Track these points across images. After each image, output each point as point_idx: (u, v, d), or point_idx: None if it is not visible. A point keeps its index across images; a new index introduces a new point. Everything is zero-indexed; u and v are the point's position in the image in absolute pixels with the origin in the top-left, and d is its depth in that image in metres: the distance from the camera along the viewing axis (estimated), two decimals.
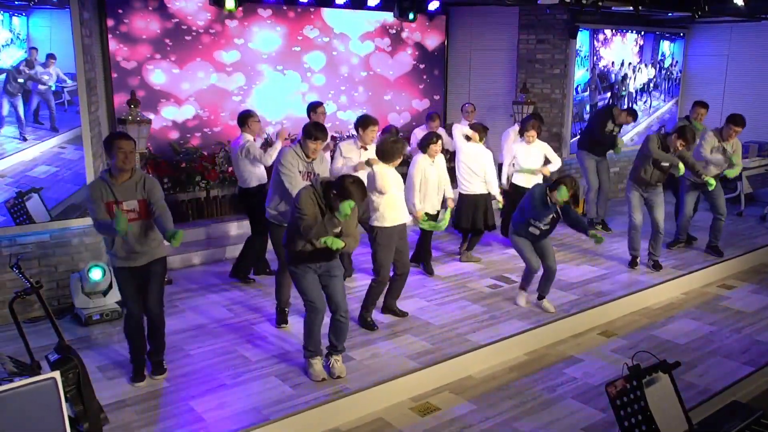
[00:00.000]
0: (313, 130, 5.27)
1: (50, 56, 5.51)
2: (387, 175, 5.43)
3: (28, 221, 5.56)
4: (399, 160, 5.53)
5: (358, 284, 6.51)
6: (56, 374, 2.93)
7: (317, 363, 4.70)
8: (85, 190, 4.63)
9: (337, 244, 4.34)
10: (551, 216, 5.66)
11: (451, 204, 6.63)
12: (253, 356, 5.00)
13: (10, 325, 4.86)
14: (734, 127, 7.34)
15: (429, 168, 6.46)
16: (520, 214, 5.78)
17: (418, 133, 8.32)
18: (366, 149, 6.24)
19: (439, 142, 6.50)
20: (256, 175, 6.44)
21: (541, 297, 6.00)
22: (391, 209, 5.42)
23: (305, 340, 4.70)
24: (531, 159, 7.45)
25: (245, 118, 6.45)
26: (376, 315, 5.71)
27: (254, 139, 6.44)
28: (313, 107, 7.14)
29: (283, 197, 5.32)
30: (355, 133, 6.49)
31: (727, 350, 5.48)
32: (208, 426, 4.06)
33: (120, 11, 7.36)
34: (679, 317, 6.21)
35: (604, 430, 4.28)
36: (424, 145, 6.48)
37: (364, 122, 6.24)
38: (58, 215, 5.68)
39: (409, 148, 7.72)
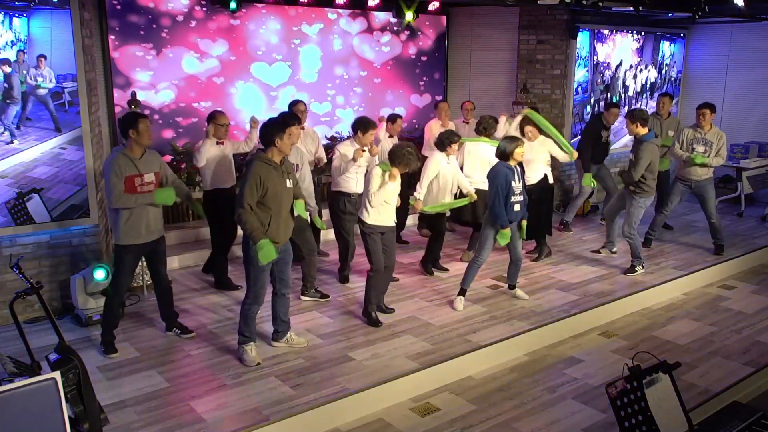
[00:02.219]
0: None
1: (41, 57, 5.44)
2: (384, 189, 5.41)
3: (28, 222, 5.56)
4: (404, 170, 5.49)
5: (355, 286, 6.50)
6: (56, 375, 2.93)
7: (253, 349, 4.90)
8: (107, 164, 4.83)
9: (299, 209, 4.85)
10: (520, 180, 5.82)
11: (473, 197, 6.64)
12: None
13: (10, 325, 4.87)
14: (699, 110, 7.43)
15: (445, 166, 6.52)
16: (502, 200, 5.70)
17: (434, 127, 7.99)
18: (364, 150, 6.23)
19: (459, 142, 6.55)
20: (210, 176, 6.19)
21: (513, 287, 6.19)
22: (377, 212, 5.46)
23: (243, 326, 4.88)
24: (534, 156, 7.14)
25: (209, 119, 6.21)
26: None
27: (219, 143, 6.16)
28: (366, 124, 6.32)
29: None
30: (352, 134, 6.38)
31: (728, 351, 5.48)
32: (208, 426, 4.06)
33: (118, 7, 7.38)
34: (679, 318, 6.20)
35: (605, 431, 4.28)
36: (443, 144, 6.46)
37: (365, 125, 6.17)
38: (58, 216, 5.68)
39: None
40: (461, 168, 7.04)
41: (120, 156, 4.80)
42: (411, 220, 8.43)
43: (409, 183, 6.91)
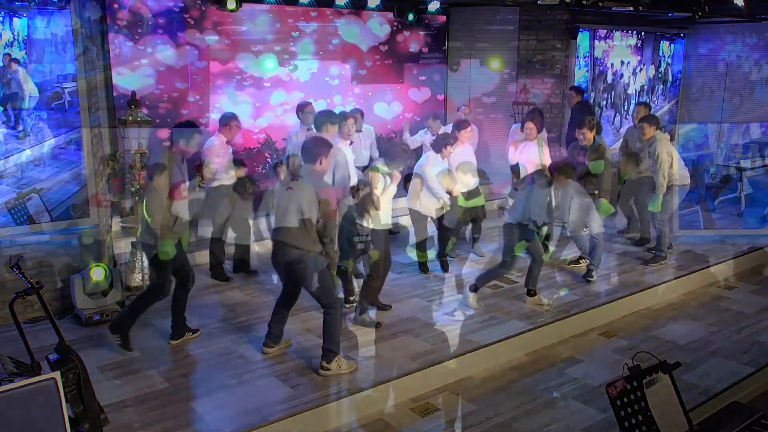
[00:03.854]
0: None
1: (12, 59, 5.41)
2: (388, 190, 5.42)
3: (28, 222, 5.56)
4: (400, 167, 5.49)
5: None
6: (56, 374, 2.93)
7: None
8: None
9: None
10: None
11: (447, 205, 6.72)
12: (253, 356, 4.99)
13: (10, 325, 4.85)
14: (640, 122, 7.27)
15: (440, 167, 6.53)
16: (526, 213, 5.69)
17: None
18: (351, 142, 6.32)
19: (455, 145, 6.60)
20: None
21: (534, 292, 6.02)
22: (381, 214, 5.43)
23: (333, 341, 4.65)
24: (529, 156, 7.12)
25: (228, 120, 6.25)
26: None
27: (226, 142, 6.25)
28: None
29: None
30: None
31: (728, 351, 5.48)
32: (208, 426, 4.06)
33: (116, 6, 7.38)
34: (679, 318, 6.20)
35: (605, 431, 4.28)
36: (440, 145, 6.50)
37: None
38: (58, 216, 5.68)
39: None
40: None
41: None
42: None
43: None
